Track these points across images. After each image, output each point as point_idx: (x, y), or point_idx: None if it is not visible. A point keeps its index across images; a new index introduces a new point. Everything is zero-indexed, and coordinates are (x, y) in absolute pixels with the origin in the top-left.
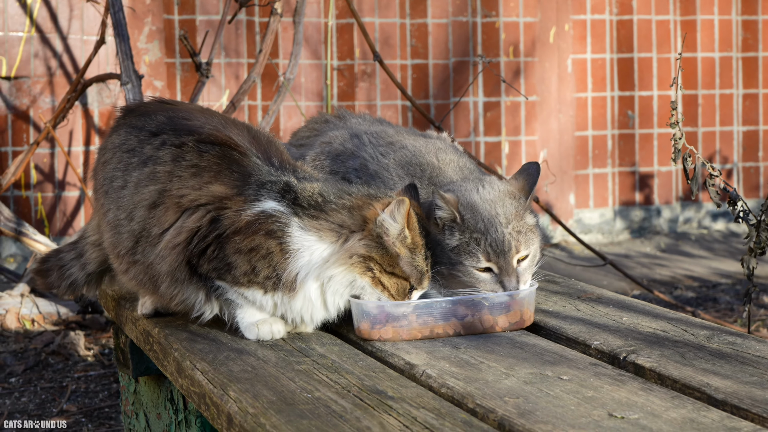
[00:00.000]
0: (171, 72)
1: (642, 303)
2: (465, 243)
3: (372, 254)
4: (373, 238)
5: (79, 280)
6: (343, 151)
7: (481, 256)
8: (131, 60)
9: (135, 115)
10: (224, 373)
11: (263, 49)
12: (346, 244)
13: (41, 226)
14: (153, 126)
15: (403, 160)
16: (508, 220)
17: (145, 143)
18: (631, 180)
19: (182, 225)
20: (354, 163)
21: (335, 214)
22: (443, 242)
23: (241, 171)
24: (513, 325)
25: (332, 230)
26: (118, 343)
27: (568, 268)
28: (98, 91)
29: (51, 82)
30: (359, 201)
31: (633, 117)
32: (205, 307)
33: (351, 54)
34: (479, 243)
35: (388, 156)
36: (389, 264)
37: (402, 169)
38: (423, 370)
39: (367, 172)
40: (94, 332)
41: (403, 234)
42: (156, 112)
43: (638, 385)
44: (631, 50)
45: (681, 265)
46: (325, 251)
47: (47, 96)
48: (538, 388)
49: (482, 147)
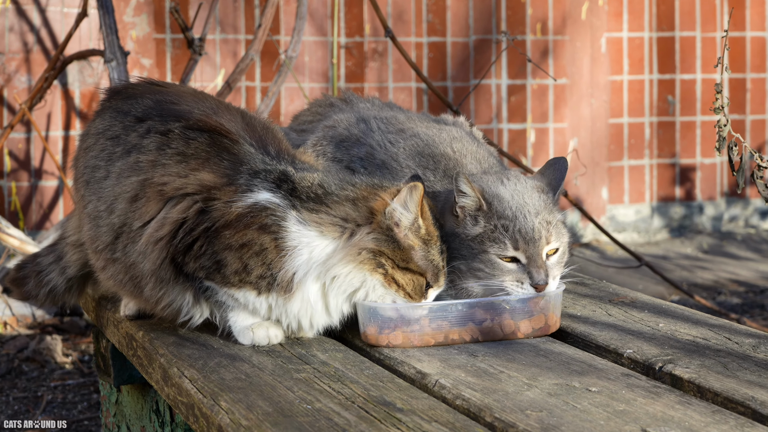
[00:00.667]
0: (161, 49)
1: (681, 308)
2: (491, 230)
3: (382, 248)
4: (383, 231)
5: (58, 286)
6: (348, 136)
7: (508, 242)
8: (116, 35)
9: (121, 97)
10: (215, 381)
11: (262, 23)
12: (352, 239)
13: (15, 218)
14: (139, 111)
15: (414, 149)
16: (537, 210)
17: (130, 130)
18: (671, 173)
19: (165, 216)
20: (360, 150)
21: (338, 207)
22: (464, 233)
23: (232, 159)
24: (536, 331)
25: (335, 224)
26: (98, 348)
27: (600, 270)
28: (80, 69)
29: (27, 59)
30: (364, 192)
31: (674, 103)
32: (194, 310)
33: (360, 30)
34: (507, 229)
35: (397, 144)
36: (402, 259)
37: (413, 159)
38: (436, 379)
39: (373, 161)
40: (73, 337)
41: (417, 224)
42: (143, 95)
43: (675, 398)
44: (673, 28)
45: (725, 267)
46: (327, 248)
47: (23, 74)
48: (564, 400)
49: (505, 135)
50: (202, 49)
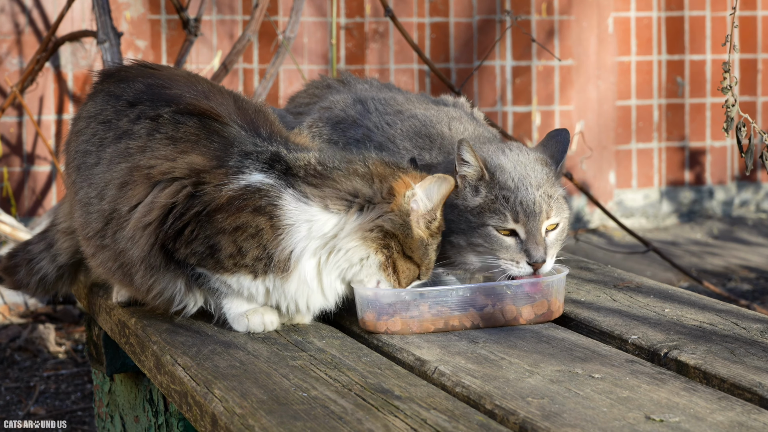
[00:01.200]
0: (155, 30)
1: (687, 293)
2: (491, 200)
3: (396, 231)
4: (401, 215)
5: (49, 274)
6: (344, 118)
7: (508, 214)
8: (109, 15)
9: (114, 80)
10: (209, 368)
11: (259, 3)
12: (364, 214)
13: (7, 205)
14: (131, 95)
15: (411, 130)
16: (539, 183)
17: (122, 114)
18: (680, 156)
19: (153, 200)
20: (356, 132)
21: (344, 181)
22: (463, 204)
23: (222, 142)
24: (539, 316)
25: (341, 198)
26: (90, 336)
27: (607, 256)
28: (73, 51)
29: (19, 40)
30: (380, 168)
31: (683, 84)
32: (187, 298)
33: (361, 11)
34: (508, 200)
35: (395, 126)
36: (409, 247)
37: (410, 141)
38: (435, 366)
39: (370, 143)
40: (66, 326)
41: (434, 216)
42: (135, 79)
43: (680, 385)
44: (682, 7)
45: (736, 253)
46: (328, 221)
47: (14, 57)
48: (566, 387)
49: (510, 118)
50: (197, 30)
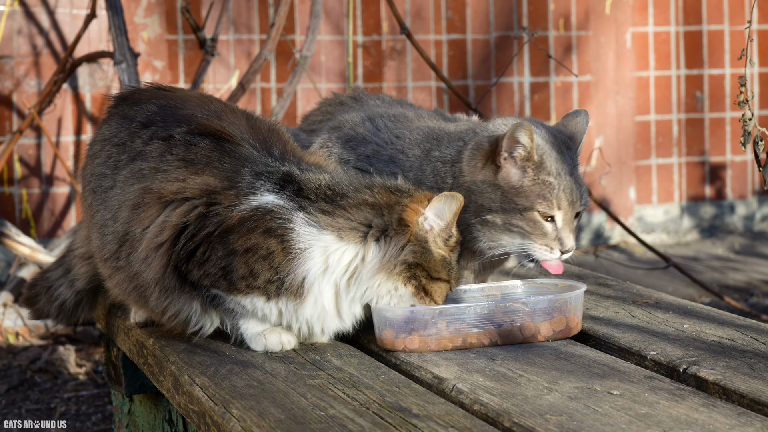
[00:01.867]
0: (173, 50)
1: (706, 308)
2: (539, 185)
3: (419, 261)
4: (419, 243)
5: (68, 299)
6: (354, 136)
7: (554, 201)
8: (125, 35)
9: (128, 103)
10: (227, 388)
11: (276, 22)
12: (384, 246)
13: (26, 226)
14: (144, 116)
15: (418, 138)
16: (571, 169)
17: (135, 136)
18: (701, 171)
19: (165, 220)
20: (366, 149)
21: (355, 211)
22: (507, 185)
23: (233, 162)
24: (557, 333)
25: (354, 229)
26: (109, 357)
27: (628, 273)
28: (90, 72)
29: (37, 62)
30: (384, 196)
31: (702, 99)
32: (203, 319)
33: (378, 28)
34: (553, 187)
35: (403, 138)
36: (435, 269)
37: (418, 147)
38: (453, 384)
39: (380, 158)
40: (86, 347)
41: (450, 233)
42: (149, 101)
43: (700, 401)
44: (700, 22)
45: (758, 268)
46: (347, 252)
47: (32, 78)
48: (585, 404)
49: None
50: (214, 50)
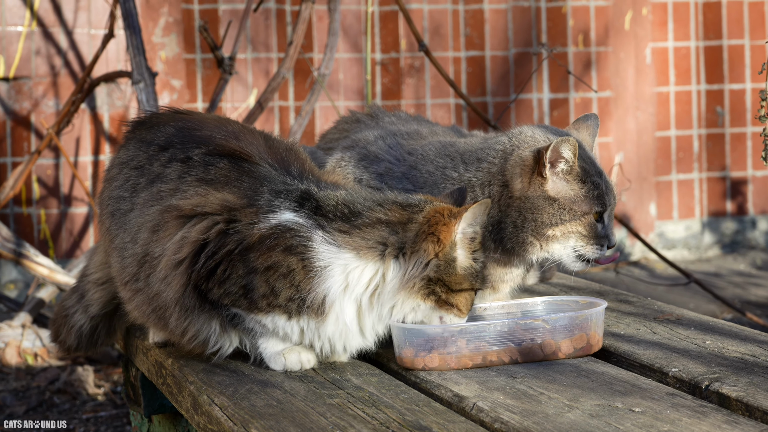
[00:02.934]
0: (191, 69)
1: (728, 324)
2: (588, 188)
3: (441, 276)
4: (446, 260)
5: (84, 326)
6: (366, 155)
7: (606, 199)
8: (143, 55)
9: (145, 127)
10: (246, 408)
11: (294, 40)
12: (403, 264)
13: (45, 247)
14: (162, 139)
15: (431, 153)
16: (600, 167)
17: (153, 159)
18: (722, 187)
19: (184, 236)
20: (379, 167)
21: (370, 230)
22: (564, 197)
23: (251, 181)
24: (578, 350)
25: (371, 248)
26: (128, 377)
27: (649, 289)
28: (108, 92)
29: (55, 82)
30: (396, 213)
31: (723, 114)
32: (222, 339)
33: (396, 46)
34: (599, 188)
35: (415, 153)
36: (456, 282)
37: (431, 163)
38: (474, 402)
39: (392, 176)
40: (105, 367)
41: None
42: (167, 123)
43: (722, 418)
44: (720, 37)
45: None
46: (366, 269)
47: (51, 99)
48: (606, 421)
49: None
50: (232, 69)
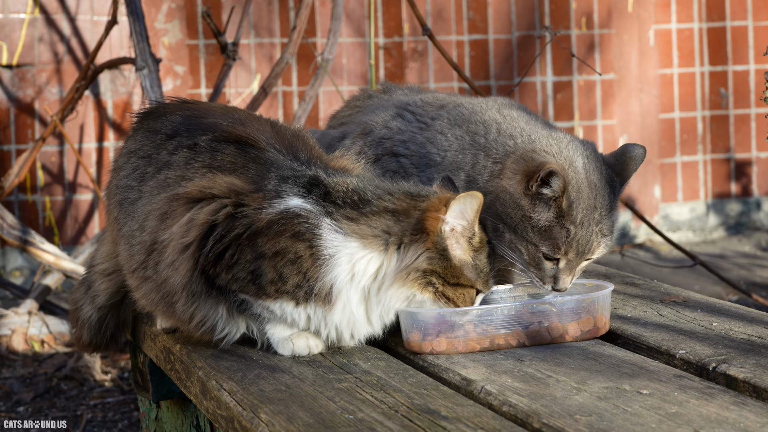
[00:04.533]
0: (194, 55)
1: (735, 306)
2: (556, 229)
3: (434, 267)
4: (438, 250)
5: (92, 317)
6: (386, 133)
7: (562, 248)
8: (147, 41)
9: (152, 118)
10: (255, 393)
11: (297, 25)
12: (402, 254)
13: (50, 234)
14: (169, 128)
15: (458, 118)
16: (601, 217)
17: (161, 148)
18: (726, 168)
19: (192, 218)
20: (401, 136)
21: (377, 219)
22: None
23: (259, 167)
24: (585, 333)
25: (376, 236)
26: (136, 363)
27: (654, 271)
28: (111, 78)
29: (58, 69)
30: (403, 203)
31: (726, 95)
32: (229, 325)
33: (399, 30)
34: (568, 235)
35: (441, 118)
36: (453, 275)
37: (458, 127)
38: (482, 386)
39: (415, 142)
40: (112, 354)
41: (472, 232)
42: (174, 112)
43: (730, 399)
44: (723, 18)
45: None
46: (372, 260)
47: (54, 86)
48: (614, 404)
49: None
50: (235, 54)
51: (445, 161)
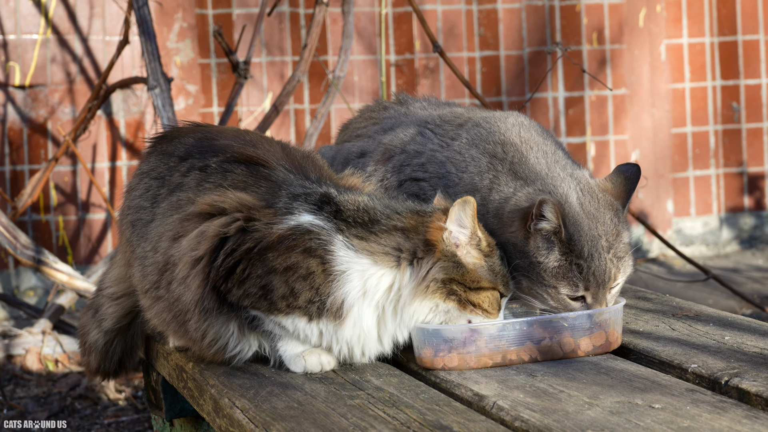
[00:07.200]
0: (206, 74)
1: (747, 320)
2: (566, 267)
3: (452, 276)
4: (448, 258)
5: (99, 342)
6: (406, 158)
7: (581, 284)
8: (158, 61)
9: (166, 141)
10: (267, 410)
11: (308, 43)
12: (416, 269)
13: (63, 253)
14: (182, 150)
15: (477, 137)
16: (609, 243)
17: (174, 170)
18: (739, 182)
19: (203, 231)
20: (420, 159)
21: (387, 237)
22: (535, 258)
23: (269, 185)
24: (597, 348)
25: (387, 254)
26: (149, 382)
27: (668, 286)
28: (124, 98)
29: (71, 89)
30: (411, 221)
31: (739, 109)
32: (241, 343)
33: (410, 47)
34: (581, 270)
35: (459, 138)
36: (472, 280)
37: (475, 148)
38: (494, 401)
39: (435, 161)
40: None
41: (477, 238)
42: (186, 135)
43: (742, 413)
44: (735, 32)
45: None
46: (384, 276)
47: (67, 106)
48: (626, 418)
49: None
50: (247, 73)
51: (462, 182)
